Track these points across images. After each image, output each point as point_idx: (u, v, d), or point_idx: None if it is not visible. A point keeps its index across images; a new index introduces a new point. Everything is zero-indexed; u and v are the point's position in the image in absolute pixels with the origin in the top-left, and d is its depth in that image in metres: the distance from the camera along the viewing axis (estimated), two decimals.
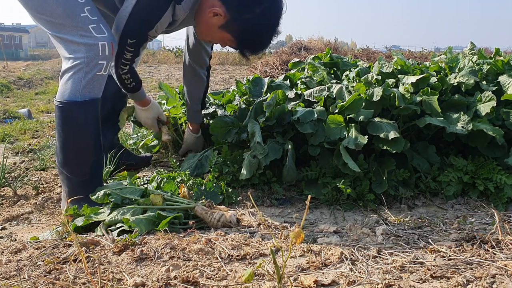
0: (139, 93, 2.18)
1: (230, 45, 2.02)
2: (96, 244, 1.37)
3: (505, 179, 1.91)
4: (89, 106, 1.73)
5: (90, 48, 1.69)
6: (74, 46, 1.70)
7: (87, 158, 1.78)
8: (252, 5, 1.87)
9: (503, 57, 2.36)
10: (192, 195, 1.86)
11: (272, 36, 1.97)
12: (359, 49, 12.67)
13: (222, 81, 8.97)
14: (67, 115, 1.73)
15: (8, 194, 2.15)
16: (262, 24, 1.91)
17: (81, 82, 1.70)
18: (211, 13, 1.88)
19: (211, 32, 1.98)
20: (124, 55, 1.89)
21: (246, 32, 1.92)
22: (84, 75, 1.70)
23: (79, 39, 1.69)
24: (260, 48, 2.05)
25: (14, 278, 1.16)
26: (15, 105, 5.62)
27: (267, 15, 1.90)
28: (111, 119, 2.34)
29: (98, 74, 1.72)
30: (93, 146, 1.78)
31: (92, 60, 1.69)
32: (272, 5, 1.90)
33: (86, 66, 1.69)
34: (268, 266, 1.20)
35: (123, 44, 1.86)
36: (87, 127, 1.76)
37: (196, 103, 2.47)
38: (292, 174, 2.03)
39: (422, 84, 2.13)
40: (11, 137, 3.40)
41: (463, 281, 1.10)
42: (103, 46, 1.70)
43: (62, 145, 1.75)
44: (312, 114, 2.07)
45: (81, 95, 1.70)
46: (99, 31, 1.71)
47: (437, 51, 20.56)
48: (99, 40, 1.70)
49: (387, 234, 1.52)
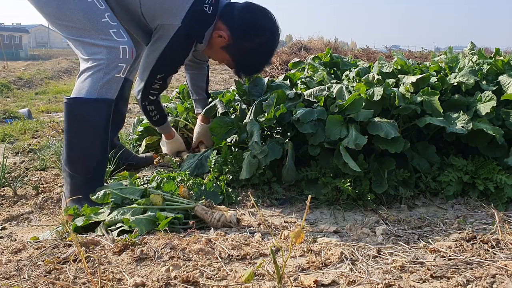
0: (164, 127, 2.41)
1: (228, 64, 2.21)
2: (96, 244, 1.37)
3: (505, 179, 1.91)
4: (103, 105, 1.77)
5: (112, 50, 1.74)
6: (95, 48, 1.75)
7: (93, 156, 1.79)
8: (254, 36, 2.08)
9: (503, 57, 2.36)
10: (192, 195, 1.86)
11: (265, 64, 2.21)
12: (359, 49, 12.66)
13: (222, 81, 8.97)
14: (81, 111, 1.76)
15: (8, 194, 2.15)
16: (258, 53, 2.12)
17: (99, 82, 1.73)
18: (216, 34, 2.07)
19: (214, 51, 2.16)
20: (153, 85, 2.10)
21: (243, 57, 2.14)
22: (103, 75, 1.74)
23: (100, 42, 1.74)
24: (253, 72, 2.29)
25: (14, 278, 1.16)
26: (15, 105, 5.62)
27: (264, 47, 2.11)
28: (111, 119, 2.34)
29: (117, 76, 1.77)
30: (101, 145, 1.80)
31: (113, 62, 1.74)
32: (270, 39, 2.11)
33: (106, 67, 1.73)
34: (268, 266, 1.20)
35: (152, 79, 2.07)
36: (98, 126, 1.79)
37: (200, 93, 2.60)
38: (292, 174, 2.03)
39: (423, 84, 2.13)
40: (11, 137, 3.40)
41: (463, 281, 1.10)
42: (124, 50, 1.76)
43: (71, 142, 1.77)
44: (312, 114, 2.07)
45: (98, 94, 1.74)
46: (119, 36, 1.78)
47: (437, 51, 20.55)
48: (120, 44, 1.76)
49: (387, 234, 1.52)
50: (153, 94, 2.14)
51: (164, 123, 2.36)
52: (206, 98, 2.61)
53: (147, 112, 2.24)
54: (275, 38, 2.12)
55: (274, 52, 2.18)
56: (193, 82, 2.59)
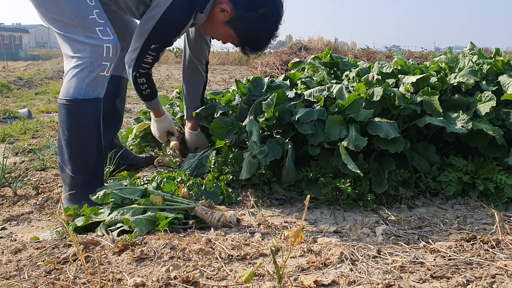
0: (154, 103, 2.28)
1: (232, 41, 2.13)
2: (96, 244, 1.37)
3: (505, 179, 1.91)
4: (92, 104, 1.77)
5: (95, 48, 1.74)
6: (79, 46, 1.75)
7: (89, 156, 1.79)
8: (257, 6, 2.01)
9: (503, 57, 2.36)
10: (192, 195, 1.86)
11: (271, 36, 2.12)
12: (359, 49, 12.67)
13: (222, 81, 8.97)
14: (71, 112, 1.76)
15: (8, 194, 2.15)
16: (263, 24, 2.06)
17: (84, 81, 1.74)
18: (218, 8, 2.01)
19: (216, 27, 2.09)
20: (145, 58, 2.01)
21: (248, 30, 2.06)
22: (88, 74, 1.74)
23: (85, 39, 1.74)
24: (260, 47, 2.19)
25: (14, 278, 1.16)
26: (15, 105, 5.62)
27: (269, 17, 2.05)
28: (109, 118, 2.34)
29: (101, 75, 1.77)
30: (95, 144, 1.80)
31: (96, 60, 1.74)
32: (275, 9, 2.06)
33: (90, 66, 1.74)
34: (268, 266, 1.20)
35: (146, 49, 1.98)
36: (89, 125, 1.79)
37: (196, 100, 2.54)
38: (291, 174, 2.03)
39: (423, 84, 2.13)
40: (11, 137, 3.40)
41: (463, 281, 1.10)
42: (107, 48, 1.76)
43: (65, 143, 1.77)
44: (312, 114, 2.07)
45: (84, 93, 1.74)
46: (105, 34, 1.78)
47: (437, 51, 20.55)
48: (105, 42, 1.76)
49: (387, 234, 1.52)
50: (145, 68, 2.05)
51: (154, 98, 2.25)
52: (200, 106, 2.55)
53: (137, 85, 2.13)
54: (279, 10, 2.07)
55: (279, 26, 2.11)
56: (190, 87, 2.54)
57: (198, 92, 2.53)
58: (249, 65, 12.06)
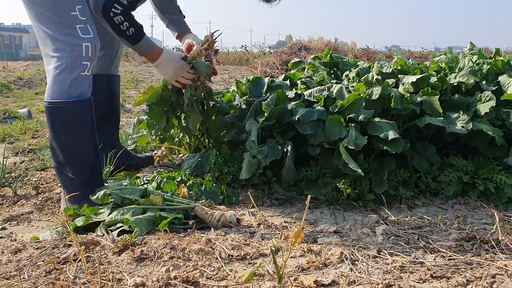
0: (145, 42, 1.89)
1: None
2: (96, 244, 1.37)
3: (505, 179, 1.91)
4: (77, 105, 1.74)
5: (74, 48, 1.71)
6: (58, 44, 1.71)
7: (85, 157, 1.78)
8: None
9: (503, 57, 2.36)
10: (192, 195, 1.86)
11: None
12: (359, 49, 12.67)
13: (222, 81, 8.97)
14: (56, 114, 1.74)
15: (8, 194, 2.15)
16: None
17: (66, 82, 1.71)
18: None
19: None
20: None
21: None
22: (69, 75, 1.71)
23: (63, 37, 1.70)
24: None
25: (14, 278, 1.16)
26: (15, 105, 5.62)
27: None
28: (106, 118, 2.34)
29: (83, 74, 1.74)
30: (89, 145, 1.78)
31: (76, 60, 1.71)
32: None
33: (70, 66, 1.71)
34: (268, 266, 1.20)
35: None
36: (78, 126, 1.76)
37: (174, 12, 2.31)
38: (291, 175, 2.02)
39: (422, 84, 2.13)
40: (11, 137, 3.40)
41: (463, 281, 1.10)
42: (86, 47, 1.72)
43: (57, 146, 1.76)
44: (312, 114, 2.07)
45: (68, 95, 1.72)
46: (85, 32, 1.73)
47: (437, 51, 20.53)
48: (84, 41, 1.72)
49: (387, 234, 1.52)
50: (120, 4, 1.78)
51: (143, 36, 1.87)
52: (182, 17, 2.30)
53: (116, 26, 1.80)
54: None
55: None
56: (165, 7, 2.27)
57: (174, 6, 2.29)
58: (249, 65, 12.05)
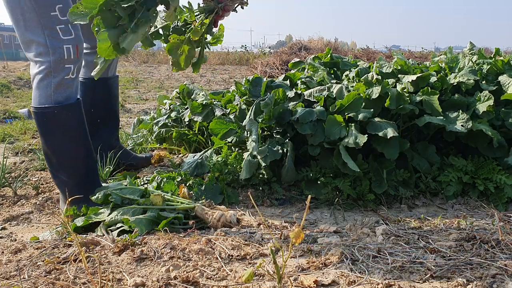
0: None
1: None
2: (96, 244, 1.37)
3: (505, 179, 1.91)
4: (64, 109, 1.71)
5: (55, 51, 1.66)
6: (40, 48, 1.66)
7: (76, 160, 1.77)
8: None
9: (503, 57, 2.36)
10: (192, 195, 1.86)
11: None
12: (359, 49, 12.67)
13: (222, 81, 8.97)
14: (44, 120, 1.72)
15: (8, 194, 2.15)
16: None
17: (50, 87, 1.68)
18: None
19: None
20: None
21: None
22: (52, 79, 1.68)
23: (44, 40, 1.65)
24: None
25: (14, 278, 1.16)
26: (15, 105, 5.61)
27: None
28: (105, 120, 2.34)
29: (67, 78, 1.70)
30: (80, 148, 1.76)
31: (58, 64, 1.67)
32: None
33: (53, 71, 1.67)
34: (268, 266, 1.20)
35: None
36: (67, 131, 1.74)
37: None
38: (291, 175, 2.02)
39: (422, 83, 2.13)
40: (11, 137, 3.40)
41: (463, 281, 1.10)
42: (67, 50, 1.67)
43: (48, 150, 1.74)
44: (312, 114, 2.07)
45: (54, 100, 1.69)
46: (66, 33, 1.67)
47: (437, 51, 20.53)
48: (64, 43, 1.66)
49: (387, 234, 1.52)
50: None
51: None
52: None
53: None
54: None
55: None
56: None
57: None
58: (249, 65, 12.06)
